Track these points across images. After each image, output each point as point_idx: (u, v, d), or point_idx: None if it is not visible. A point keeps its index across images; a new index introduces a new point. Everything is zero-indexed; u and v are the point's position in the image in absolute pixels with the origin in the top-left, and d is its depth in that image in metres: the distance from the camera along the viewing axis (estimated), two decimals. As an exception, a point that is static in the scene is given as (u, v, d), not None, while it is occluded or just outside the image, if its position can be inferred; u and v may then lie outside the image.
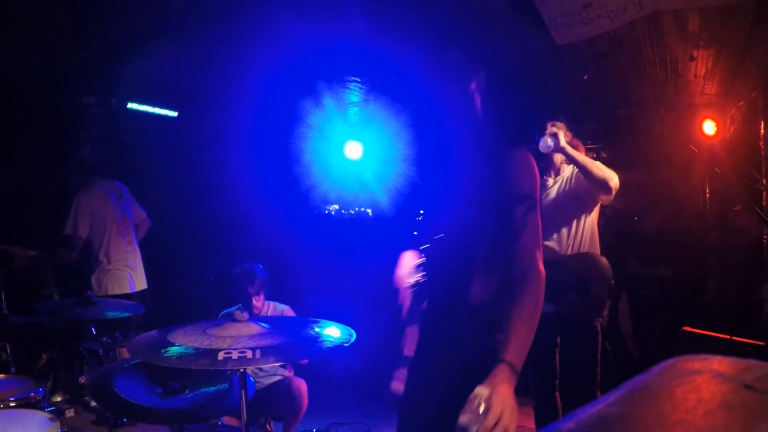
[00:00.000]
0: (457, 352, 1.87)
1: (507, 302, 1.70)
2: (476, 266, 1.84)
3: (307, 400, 3.45)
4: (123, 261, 4.06)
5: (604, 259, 3.03)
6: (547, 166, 3.24)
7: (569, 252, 3.03)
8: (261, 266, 3.75)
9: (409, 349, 2.13)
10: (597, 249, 3.10)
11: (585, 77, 4.09)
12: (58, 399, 3.41)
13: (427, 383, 1.98)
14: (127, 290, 4.03)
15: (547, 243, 3.01)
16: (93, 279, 3.97)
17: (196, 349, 1.78)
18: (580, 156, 3.00)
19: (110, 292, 3.94)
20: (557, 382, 3.09)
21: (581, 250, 3.04)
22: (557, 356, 3.10)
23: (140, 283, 4.17)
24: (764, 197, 4.27)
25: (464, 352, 1.84)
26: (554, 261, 2.94)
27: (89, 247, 3.99)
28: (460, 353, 1.86)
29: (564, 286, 2.94)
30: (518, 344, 1.62)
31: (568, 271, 2.94)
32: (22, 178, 4.33)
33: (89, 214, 3.94)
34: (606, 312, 3.07)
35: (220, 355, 1.71)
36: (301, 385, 3.46)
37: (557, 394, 3.07)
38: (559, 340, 3.08)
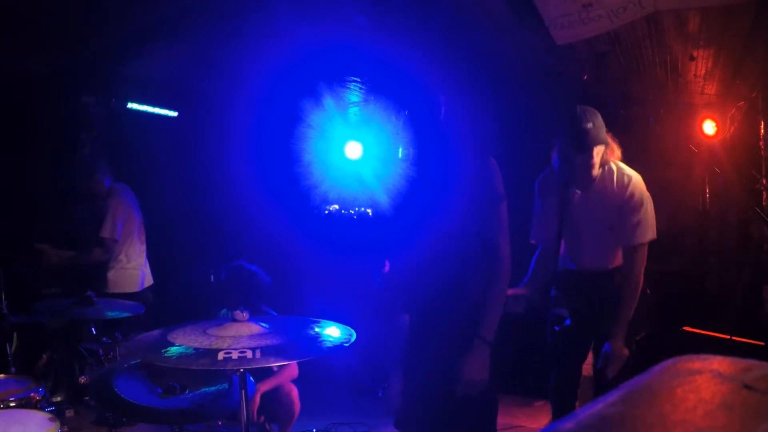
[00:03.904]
0: (453, 335, 2.15)
1: (482, 286, 2.13)
2: (465, 255, 2.17)
3: (299, 404, 3.39)
4: (139, 260, 4.26)
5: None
6: (577, 176, 2.73)
7: (609, 266, 2.78)
8: (255, 270, 3.54)
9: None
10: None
11: (585, 77, 4.09)
12: (58, 399, 3.41)
13: (427, 367, 2.20)
14: (138, 288, 4.21)
15: (582, 261, 2.82)
16: (110, 275, 4.12)
17: (196, 349, 1.78)
18: (627, 309, 2.66)
19: (126, 290, 4.11)
20: (579, 390, 3.00)
21: (614, 266, 2.78)
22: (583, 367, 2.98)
23: (148, 279, 4.35)
24: (764, 197, 4.28)
25: (458, 334, 2.14)
26: (590, 281, 2.78)
27: (116, 247, 4.19)
28: (455, 335, 2.14)
29: (602, 306, 2.71)
30: (490, 321, 2.11)
31: (605, 290, 2.72)
32: (21, 178, 4.33)
33: (123, 219, 4.14)
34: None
35: (220, 355, 1.71)
36: (292, 391, 3.40)
37: (577, 403, 3.00)
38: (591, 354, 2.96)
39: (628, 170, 2.72)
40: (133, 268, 4.21)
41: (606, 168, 2.71)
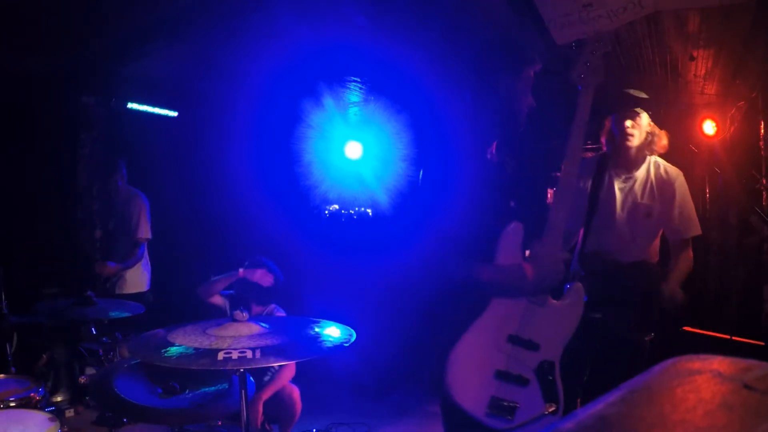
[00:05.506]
0: None
1: None
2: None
3: (300, 404, 3.38)
4: (147, 258, 4.44)
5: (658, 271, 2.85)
6: (623, 157, 2.85)
7: (630, 260, 2.81)
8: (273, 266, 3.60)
9: None
10: (656, 257, 2.91)
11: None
12: (58, 399, 3.41)
13: None
14: (146, 287, 4.39)
15: (610, 247, 2.82)
16: (128, 275, 4.27)
17: (196, 349, 1.78)
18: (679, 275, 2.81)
19: (140, 289, 4.31)
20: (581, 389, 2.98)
21: (640, 258, 2.82)
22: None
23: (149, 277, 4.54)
24: (764, 197, 4.27)
25: None
26: (614, 268, 2.77)
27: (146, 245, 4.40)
28: None
29: (621, 296, 2.74)
30: None
31: (627, 281, 2.75)
32: (21, 178, 4.32)
33: (148, 218, 4.33)
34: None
35: (220, 355, 1.71)
36: (293, 392, 3.40)
37: (578, 399, 2.98)
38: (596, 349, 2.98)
39: (672, 167, 2.89)
40: (144, 268, 4.38)
41: (653, 160, 2.89)
